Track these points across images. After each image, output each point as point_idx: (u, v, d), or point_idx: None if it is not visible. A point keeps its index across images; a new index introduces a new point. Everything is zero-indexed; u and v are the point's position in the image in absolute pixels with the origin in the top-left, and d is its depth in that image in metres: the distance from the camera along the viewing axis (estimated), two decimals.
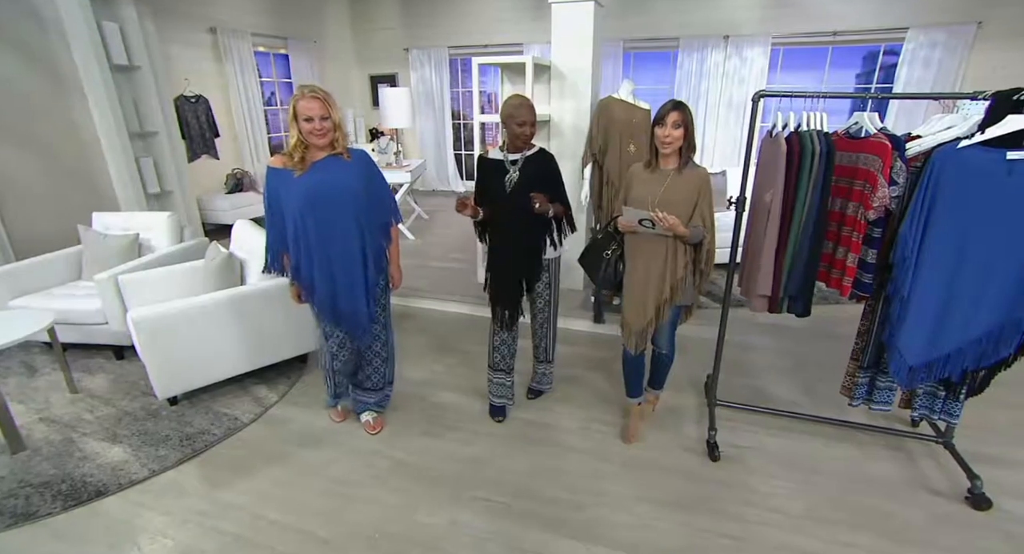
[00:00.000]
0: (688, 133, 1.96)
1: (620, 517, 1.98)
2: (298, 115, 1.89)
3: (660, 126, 1.96)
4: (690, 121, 1.97)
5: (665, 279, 2.07)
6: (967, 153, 1.61)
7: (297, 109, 1.88)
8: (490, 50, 7.48)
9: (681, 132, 1.93)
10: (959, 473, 2.09)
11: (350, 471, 2.24)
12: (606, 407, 2.67)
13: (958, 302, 1.73)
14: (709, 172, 2.03)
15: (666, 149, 1.97)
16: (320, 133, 1.92)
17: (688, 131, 1.96)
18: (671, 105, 1.95)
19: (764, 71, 6.16)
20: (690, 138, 1.99)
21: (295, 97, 1.89)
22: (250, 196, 6.06)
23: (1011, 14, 5.27)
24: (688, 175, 2.02)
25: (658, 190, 2.04)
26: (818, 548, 1.83)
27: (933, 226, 1.69)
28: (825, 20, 5.82)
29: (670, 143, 1.95)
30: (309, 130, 1.90)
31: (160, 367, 2.51)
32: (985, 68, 5.41)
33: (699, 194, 2.01)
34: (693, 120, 1.99)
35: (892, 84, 5.85)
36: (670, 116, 1.91)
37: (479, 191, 2.30)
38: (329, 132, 1.95)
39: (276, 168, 1.99)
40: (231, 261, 2.82)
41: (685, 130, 1.93)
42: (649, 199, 2.03)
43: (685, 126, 1.93)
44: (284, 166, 1.98)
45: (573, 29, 3.26)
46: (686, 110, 1.95)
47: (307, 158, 1.98)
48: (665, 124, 1.92)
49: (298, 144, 1.95)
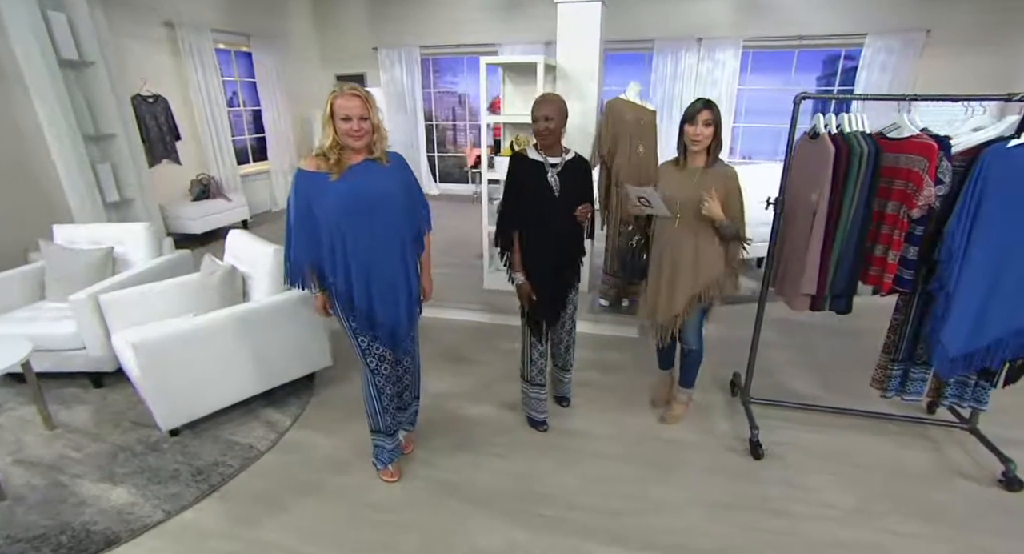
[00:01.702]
0: (717, 131, 2.00)
1: (677, 523, 1.95)
2: (335, 114, 1.74)
3: (691, 124, 2.00)
4: (719, 120, 2.00)
5: (696, 273, 2.11)
6: (1016, 153, 1.69)
7: (334, 107, 1.74)
8: (462, 50, 7.38)
9: (711, 130, 1.98)
10: (986, 457, 2.20)
11: (389, 496, 2.11)
12: (631, 410, 2.65)
13: (1001, 296, 1.81)
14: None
15: (696, 146, 2.02)
16: (358, 134, 1.78)
17: (717, 129, 2.00)
18: (702, 104, 1.99)
19: (736, 73, 6.37)
20: (718, 136, 2.02)
21: (332, 94, 1.75)
22: (220, 204, 5.68)
23: (956, 23, 5.69)
24: (716, 173, 2.06)
25: (688, 187, 2.06)
26: (876, 538, 1.87)
27: (980, 223, 1.75)
28: (791, 25, 6.08)
29: (700, 141, 1.99)
30: (346, 130, 1.76)
31: (163, 395, 2.27)
32: (932, 72, 5.81)
33: (727, 192, 2.03)
34: (721, 118, 2.02)
35: (852, 86, 6.20)
36: (701, 115, 1.96)
37: (515, 191, 2.18)
38: (367, 134, 1.82)
39: (309, 171, 1.83)
40: (233, 275, 2.60)
41: (715, 128, 1.97)
42: (679, 196, 2.06)
43: (715, 124, 1.97)
44: (318, 169, 1.82)
45: (579, 29, 3.23)
46: (715, 108, 1.99)
47: (342, 161, 1.84)
48: (696, 122, 1.97)
49: (334, 145, 1.80)
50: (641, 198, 2.01)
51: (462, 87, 8.29)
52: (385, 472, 2.19)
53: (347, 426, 2.52)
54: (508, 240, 2.20)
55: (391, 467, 2.19)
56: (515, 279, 2.18)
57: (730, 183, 2.05)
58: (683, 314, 2.21)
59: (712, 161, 2.07)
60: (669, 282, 2.20)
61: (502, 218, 2.20)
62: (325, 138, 1.80)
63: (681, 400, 2.50)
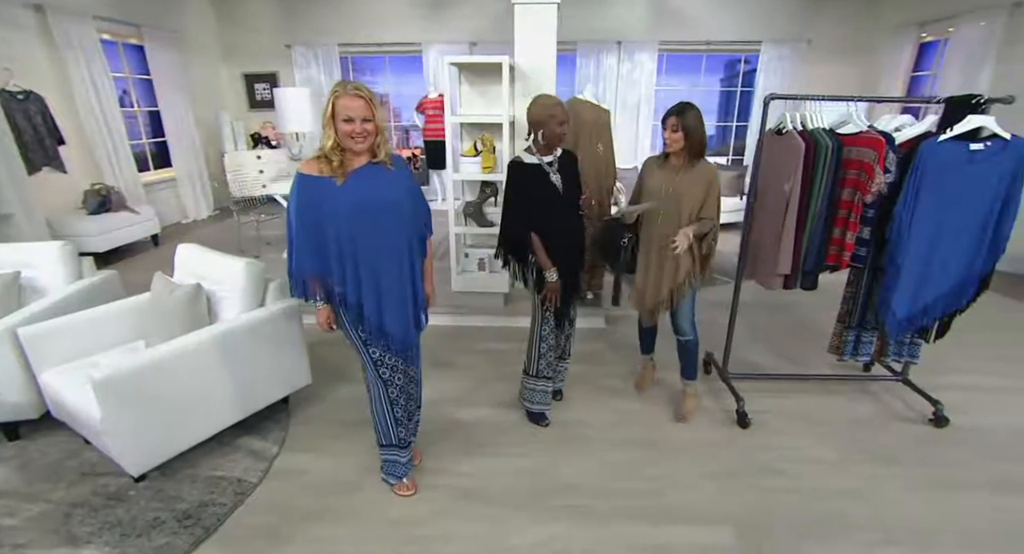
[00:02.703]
0: (688, 135, 2.12)
1: (694, 495, 2.09)
2: (336, 114, 1.64)
3: (664, 128, 2.17)
4: (692, 125, 2.11)
5: (678, 266, 2.27)
6: (944, 145, 2.01)
7: (336, 107, 1.64)
8: (385, 49, 7.14)
9: (680, 135, 2.12)
10: (919, 402, 2.60)
11: (410, 510, 2.03)
12: (620, 396, 2.78)
13: (935, 264, 2.16)
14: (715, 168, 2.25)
15: (669, 149, 2.19)
16: (361, 137, 1.69)
17: (688, 134, 2.12)
18: (673, 110, 2.15)
19: (653, 74, 6.82)
20: (692, 140, 2.14)
21: (335, 94, 1.65)
22: (124, 217, 5.01)
23: (829, 35, 6.56)
24: (697, 170, 2.21)
25: (671, 182, 2.23)
26: (861, 482, 2.14)
27: (919, 205, 2.07)
28: (700, 31, 6.64)
29: (671, 145, 2.16)
30: (348, 132, 1.66)
31: (133, 437, 1.99)
32: (816, 77, 6.65)
33: (708, 188, 2.20)
34: (700, 122, 2.14)
35: (752, 88, 6.91)
36: (668, 121, 2.14)
37: (524, 197, 2.19)
38: (370, 136, 1.73)
39: (311, 175, 1.71)
40: (198, 294, 2.33)
41: (685, 133, 2.11)
42: (662, 189, 2.24)
43: (685, 130, 2.11)
44: (321, 173, 1.71)
45: (536, 29, 3.29)
46: (688, 115, 2.11)
47: (345, 163, 1.73)
48: (666, 127, 2.14)
49: (335, 147, 1.69)
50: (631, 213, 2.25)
51: (383, 87, 8.02)
52: (401, 486, 2.10)
53: (339, 445, 2.39)
54: (523, 244, 2.22)
55: (406, 480, 2.11)
56: (548, 277, 2.19)
57: (710, 180, 2.19)
58: (667, 301, 2.37)
59: (692, 160, 2.19)
60: (655, 272, 2.37)
61: (511, 226, 2.22)
62: (325, 139, 1.69)
63: (690, 393, 2.60)
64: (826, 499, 2.06)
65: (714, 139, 8.33)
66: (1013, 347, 3.30)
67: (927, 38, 5.83)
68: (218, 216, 6.97)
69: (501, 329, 3.56)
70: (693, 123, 2.11)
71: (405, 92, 7.78)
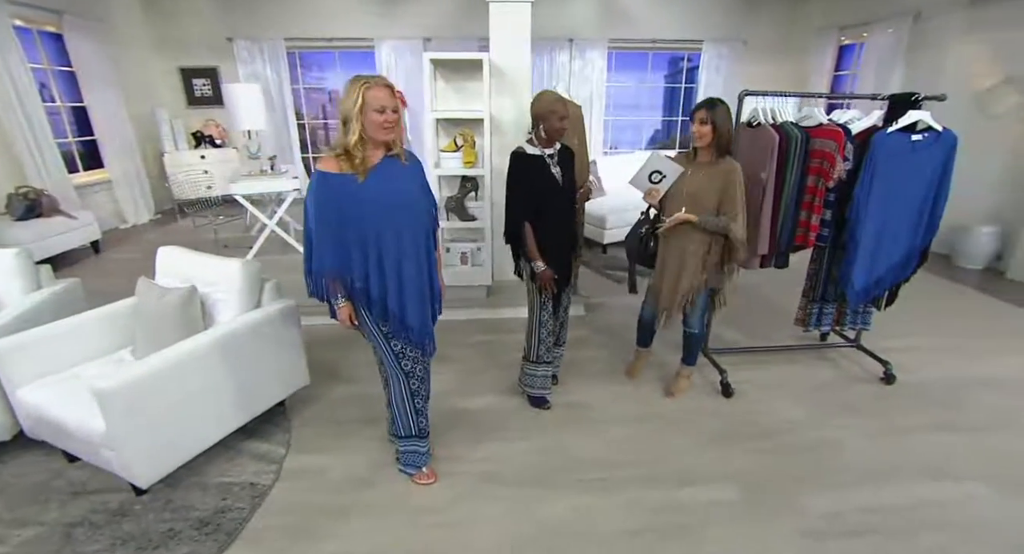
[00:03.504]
0: (717, 129, 2.13)
1: (696, 459, 2.28)
2: (368, 105, 1.65)
3: (692, 122, 2.19)
4: (721, 120, 2.12)
5: (701, 264, 2.30)
6: (891, 136, 2.30)
7: (367, 98, 1.64)
8: (335, 44, 6.94)
9: (709, 128, 2.14)
10: (870, 364, 2.95)
11: (434, 497, 2.08)
12: (612, 379, 2.93)
13: (885, 241, 2.46)
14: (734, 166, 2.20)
15: (698, 143, 2.22)
16: (390, 126, 1.72)
17: (717, 127, 2.13)
18: (704, 103, 2.18)
19: (603, 71, 7.08)
20: (720, 134, 2.14)
21: (363, 85, 1.64)
22: (59, 223, 4.60)
23: (762, 36, 7.08)
24: (717, 168, 2.19)
25: (692, 180, 2.24)
26: (833, 434, 2.42)
27: (873, 189, 2.36)
28: (646, 29, 6.96)
29: (699, 138, 2.20)
30: (380, 122, 1.68)
31: (140, 448, 1.89)
32: (752, 74, 7.16)
33: (724, 186, 2.18)
34: (729, 118, 2.14)
35: (695, 84, 7.34)
36: (697, 113, 2.18)
37: (525, 187, 2.27)
38: (396, 126, 1.76)
39: (331, 173, 1.70)
40: (193, 297, 2.24)
41: (714, 127, 2.14)
42: (684, 188, 2.28)
43: (713, 123, 2.13)
44: (341, 171, 1.71)
45: (510, 27, 3.36)
46: (717, 109, 2.12)
47: (367, 160, 1.75)
48: (695, 120, 2.19)
49: (359, 143, 1.70)
50: (653, 174, 2.14)
51: (332, 83, 7.80)
52: (422, 475, 2.14)
53: (347, 443, 2.39)
54: (520, 233, 2.29)
55: (425, 469, 2.15)
56: (535, 268, 2.28)
57: (729, 177, 2.16)
58: (679, 306, 2.43)
59: (716, 157, 2.19)
60: (672, 271, 2.39)
61: (512, 214, 2.29)
62: (350, 135, 1.69)
63: (684, 375, 2.73)
64: (807, 451, 2.32)
65: (660, 133, 8.77)
66: (942, 314, 3.78)
67: (846, 41, 6.44)
68: (161, 220, 6.53)
69: (486, 321, 3.63)
70: (723, 118, 2.11)
71: None
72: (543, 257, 2.27)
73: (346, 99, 1.65)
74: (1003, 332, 3.52)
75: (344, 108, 1.65)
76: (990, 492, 2.09)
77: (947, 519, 1.96)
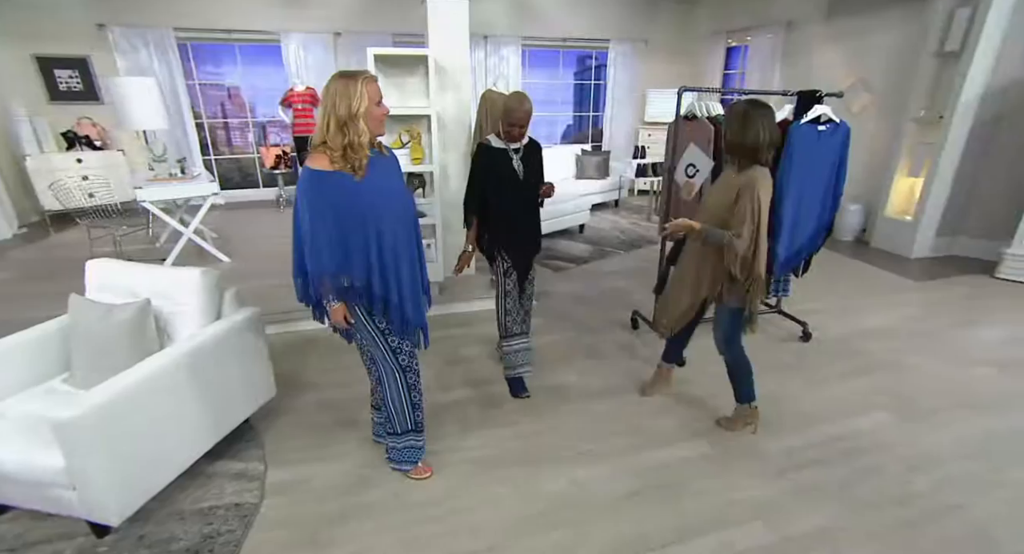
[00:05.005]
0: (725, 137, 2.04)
1: (669, 423, 2.50)
2: (370, 99, 1.63)
3: None
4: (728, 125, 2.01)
5: (703, 277, 2.19)
6: (803, 127, 2.68)
7: (370, 92, 1.62)
8: (235, 37, 6.42)
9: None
10: (790, 326, 3.40)
11: (434, 489, 2.09)
12: (579, 359, 3.10)
13: (801, 217, 2.86)
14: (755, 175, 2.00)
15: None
16: (385, 119, 1.73)
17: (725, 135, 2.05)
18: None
19: (519, 68, 7.26)
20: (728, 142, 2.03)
21: (364, 80, 1.62)
22: None
23: (660, 37, 7.69)
24: (734, 179, 2.03)
25: (714, 190, 2.17)
26: (771, 388, 2.76)
27: (792, 173, 2.73)
28: (557, 28, 7.25)
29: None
30: (382, 115, 1.68)
31: (107, 484, 1.69)
32: (654, 72, 7.76)
33: (735, 198, 1.99)
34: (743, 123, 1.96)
35: (604, 81, 7.78)
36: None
37: (482, 178, 2.41)
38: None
39: (326, 171, 1.65)
40: (146, 312, 2.02)
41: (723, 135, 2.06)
42: (706, 195, 2.26)
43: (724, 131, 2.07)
44: (336, 169, 1.66)
45: (449, 23, 3.38)
46: (729, 115, 2.02)
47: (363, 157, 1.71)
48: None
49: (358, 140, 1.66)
50: (688, 167, 2.20)
51: (230, 79, 7.20)
52: (419, 470, 2.14)
53: (328, 449, 2.32)
54: (472, 219, 2.51)
55: (421, 464, 2.16)
56: (464, 247, 2.55)
57: (742, 190, 1.97)
58: (677, 320, 2.38)
59: (739, 168, 2.04)
60: (677, 282, 2.34)
61: (468, 201, 2.49)
62: (358, 135, 1.64)
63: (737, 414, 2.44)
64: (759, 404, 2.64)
65: (572, 128, 9.17)
66: (829, 279, 4.41)
67: (732, 43, 7.20)
68: (29, 235, 5.64)
69: (443, 317, 3.64)
70: (731, 125, 2.00)
71: (260, 85, 7.09)
72: (506, 250, 2.47)
73: (344, 97, 1.60)
74: (877, 291, 4.21)
75: (345, 106, 1.60)
76: (891, 418, 2.55)
77: (867, 443, 2.37)
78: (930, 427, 2.49)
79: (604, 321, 3.61)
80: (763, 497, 2.05)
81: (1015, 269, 4.28)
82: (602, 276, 4.55)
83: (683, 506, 2.01)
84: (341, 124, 1.62)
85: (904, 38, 5.01)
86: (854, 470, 2.20)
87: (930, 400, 2.70)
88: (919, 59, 4.79)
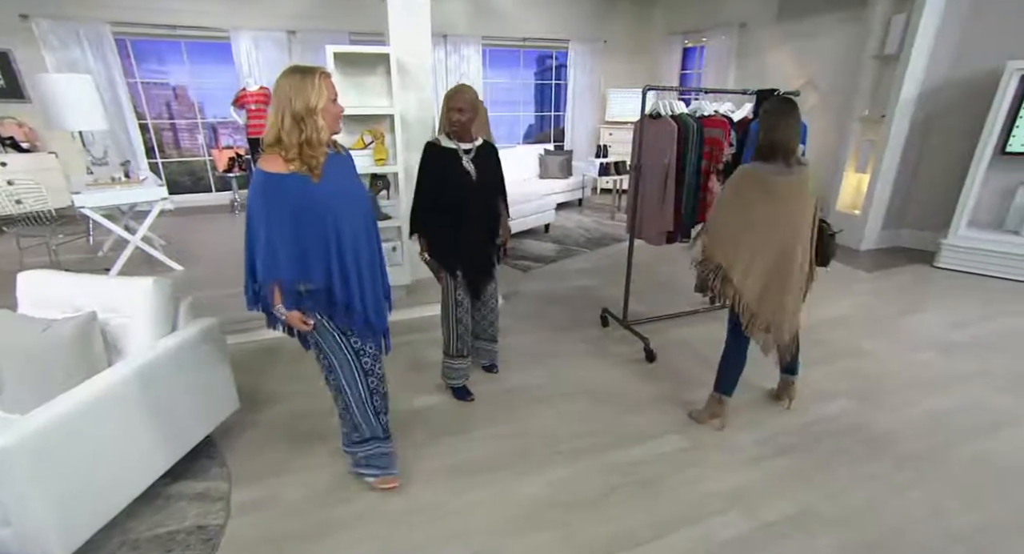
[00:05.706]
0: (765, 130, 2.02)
1: (640, 419, 2.52)
2: (328, 95, 1.56)
3: None
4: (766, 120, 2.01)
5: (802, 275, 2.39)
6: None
7: (327, 88, 1.55)
8: (179, 33, 6.10)
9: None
10: None
11: (412, 498, 2.03)
12: (548, 359, 3.09)
13: None
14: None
15: None
16: (340, 118, 1.66)
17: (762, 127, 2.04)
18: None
19: (480, 68, 7.21)
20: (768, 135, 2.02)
21: (321, 76, 1.54)
22: None
23: (618, 37, 7.80)
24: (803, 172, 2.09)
25: None
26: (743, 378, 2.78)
27: None
28: (517, 27, 7.24)
29: None
30: (339, 113, 1.61)
31: (53, 516, 1.55)
32: (613, 71, 7.87)
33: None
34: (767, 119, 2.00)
35: (564, 80, 7.84)
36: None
37: (431, 180, 2.29)
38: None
39: (281, 174, 1.57)
40: (91, 326, 1.87)
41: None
42: None
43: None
44: (290, 170, 1.58)
45: (411, 22, 3.31)
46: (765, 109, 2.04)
47: (319, 157, 1.64)
48: None
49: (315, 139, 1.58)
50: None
51: (175, 77, 6.84)
52: (383, 480, 2.05)
53: (296, 461, 2.23)
54: (422, 226, 2.36)
55: (392, 472, 2.07)
56: (421, 255, 2.40)
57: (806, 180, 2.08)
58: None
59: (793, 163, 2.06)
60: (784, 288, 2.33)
61: (416, 205, 2.32)
62: (317, 131, 1.56)
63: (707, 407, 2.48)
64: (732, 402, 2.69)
65: (534, 128, 9.20)
66: None
67: (689, 44, 7.39)
68: None
69: (409, 321, 3.56)
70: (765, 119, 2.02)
71: (209, 84, 6.75)
72: (460, 252, 2.35)
73: (301, 92, 1.52)
74: (833, 281, 4.39)
75: (303, 101, 1.52)
76: (853, 403, 2.66)
77: (834, 428, 2.46)
78: (889, 409, 2.60)
79: (573, 320, 3.62)
80: (740, 486, 2.09)
81: (951, 258, 4.56)
82: (569, 275, 4.57)
83: (663, 500, 2.02)
84: (298, 119, 1.53)
85: (848, 41, 5.26)
86: (824, 454, 2.27)
87: (885, 383, 2.83)
88: (861, 61, 5.03)
